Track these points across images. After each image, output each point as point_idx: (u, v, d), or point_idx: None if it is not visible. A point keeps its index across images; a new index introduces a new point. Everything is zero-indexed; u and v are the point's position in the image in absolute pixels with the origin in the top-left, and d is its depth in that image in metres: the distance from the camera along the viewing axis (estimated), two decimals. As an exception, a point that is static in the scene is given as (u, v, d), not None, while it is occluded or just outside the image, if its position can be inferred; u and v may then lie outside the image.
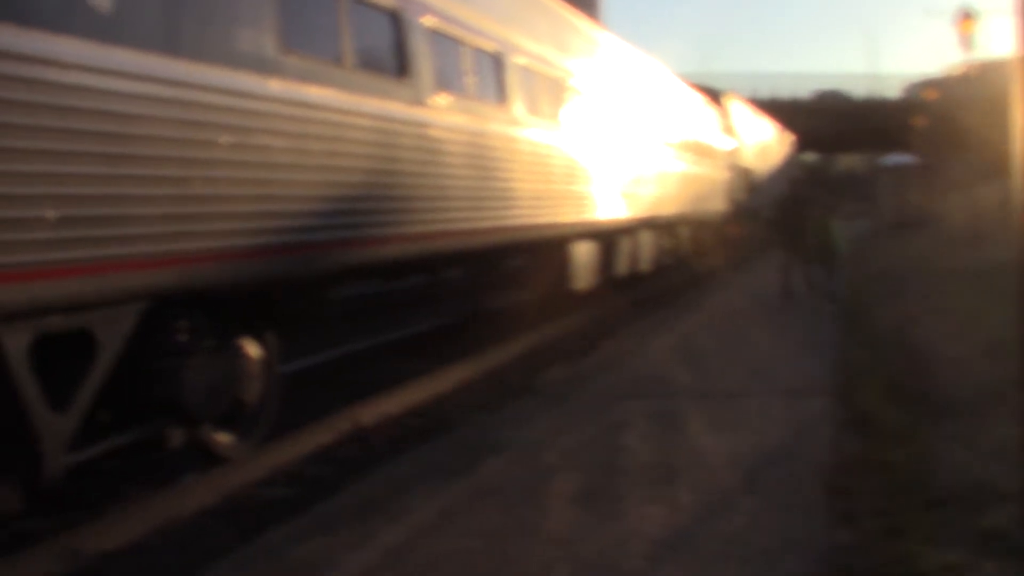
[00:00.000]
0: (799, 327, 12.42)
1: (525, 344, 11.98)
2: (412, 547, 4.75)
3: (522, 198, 10.40)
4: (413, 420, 8.39)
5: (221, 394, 6.12)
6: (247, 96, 5.83)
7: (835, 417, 7.20)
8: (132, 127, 4.96)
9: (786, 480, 5.59)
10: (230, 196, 5.66)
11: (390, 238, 7.57)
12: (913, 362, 9.35)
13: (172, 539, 5.51)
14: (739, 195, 26.77)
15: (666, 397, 8.16)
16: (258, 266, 5.96)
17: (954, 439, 6.30)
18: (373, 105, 7.30)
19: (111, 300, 4.96)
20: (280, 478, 6.69)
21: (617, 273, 15.07)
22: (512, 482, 5.82)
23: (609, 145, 13.81)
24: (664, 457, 6.21)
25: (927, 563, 4.15)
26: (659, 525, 4.93)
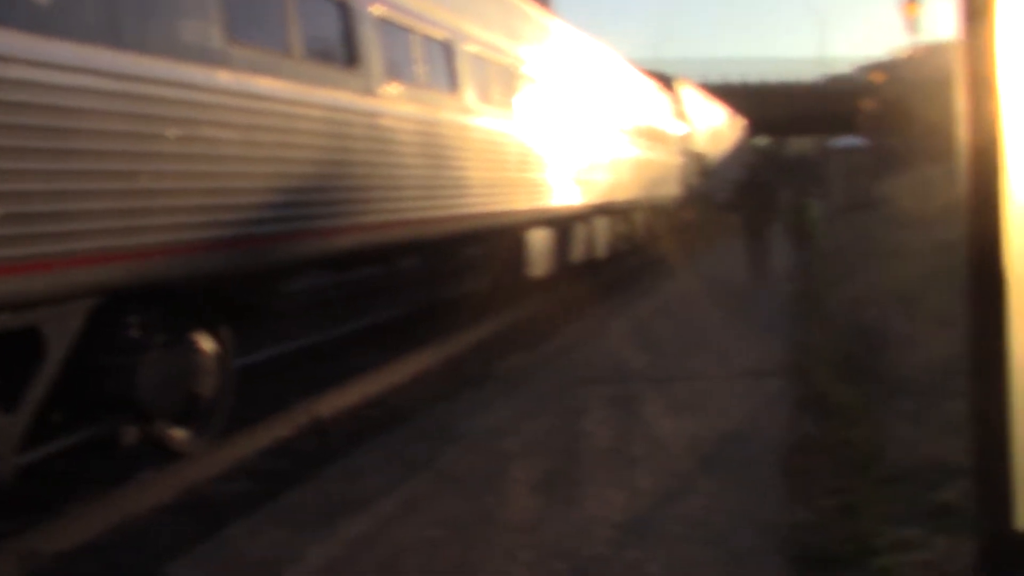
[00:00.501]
0: (754, 310, 12.55)
1: (482, 332, 11.97)
2: (374, 539, 4.73)
3: (476, 186, 10.38)
4: (371, 411, 8.36)
5: (175, 389, 6.05)
6: (193, 88, 5.75)
7: (791, 397, 7.29)
8: (75, 121, 4.87)
9: (744, 461, 5.66)
10: (179, 190, 5.58)
11: (343, 229, 7.52)
12: (867, 341, 9.48)
13: (131, 537, 5.45)
14: (692, 180, 26.96)
15: (624, 381, 8.21)
16: (209, 260, 5.90)
17: (907, 416, 6.40)
18: (323, 95, 7.24)
19: (59, 297, 4.88)
20: (238, 473, 6.63)
21: (573, 260, 15.12)
22: (472, 470, 5.82)
23: (562, 132, 13.83)
24: (623, 442, 6.25)
25: (881, 540, 4.22)
26: (620, 509, 4.96)
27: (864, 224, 23.25)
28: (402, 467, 5.91)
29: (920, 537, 4.22)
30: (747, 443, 6.04)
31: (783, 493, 5.03)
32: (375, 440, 6.80)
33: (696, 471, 5.54)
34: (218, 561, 4.60)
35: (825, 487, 5.13)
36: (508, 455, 6.11)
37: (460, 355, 10.77)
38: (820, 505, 4.83)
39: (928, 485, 4.89)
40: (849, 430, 6.25)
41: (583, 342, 10.52)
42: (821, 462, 5.64)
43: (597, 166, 15.80)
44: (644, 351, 9.55)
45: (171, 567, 4.57)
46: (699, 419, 6.74)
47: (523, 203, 11.94)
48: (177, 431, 6.38)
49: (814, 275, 15.84)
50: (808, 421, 6.63)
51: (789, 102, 52.80)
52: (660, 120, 23.06)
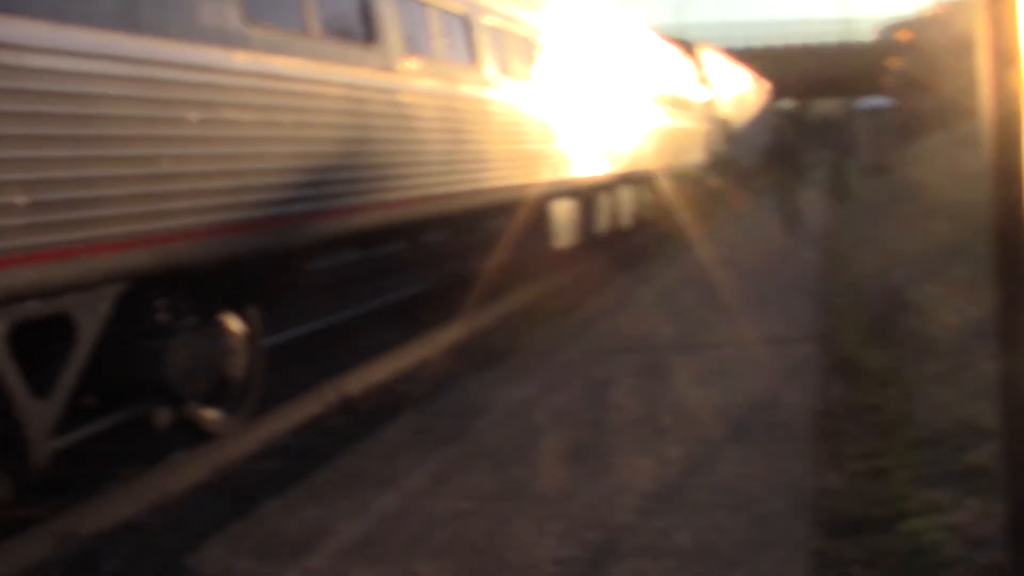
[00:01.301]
0: (781, 274, 12.47)
1: (508, 305, 11.99)
2: (405, 513, 4.77)
3: (498, 159, 10.35)
4: (400, 386, 8.41)
5: (205, 371, 6.11)
6: (213, 71, 5.76)
7: (820, 362, 7.26)
8: (96, 108, 4.90)
9: (773, 427, 5.65)
10: (201, 173, 5.61)
11: (366, 206, 7.54)
12: (896, 303, 9.41)
13: (166, 517, 5.53)
14: (717, 146, 26.74)
15: (651, 351, 8.20)
16: (234, 242, 5.93)
17: (937, 379, 6.36)
18: (342, 73, 7.23)
19: (87, 283, 4.93)
20: (271, 451, 6.71)
21: (598, 230, 15.07)
22: (502, 443, 5.85)
23: (584, 102, 13.75)
24: (651, 411, 6.25)
25: (912, 503, 4.21)
26: (649, 478, 4.97)
27: (892, 185, 23.01)
28: (432, 441, 5.95)
29: (951, 500, 4.21)
30: (776, 409, 6.02)
31: (812, 458, 5.02)
32: (404, 415, 6.85)
33: (724, 438, 5.53)
34: (252, 539, 4.66)
35: (854, 451, 5.12)
36: (536, 427, 6.14)
37: (487, 328, 10.80)
38: (849, 469, 4.82)
39: (959, 447, 4.87)
40: (879, 393, 6.23)
41: (609, 312, 10.51)
42: (850, 426, 5.62)
43: (620, 135, 15.71)
44: (671, 320, 9.53)
45: (206, 546, 4.63)
46: (727, 386, 6.72)
47: (546, 175, 11.90)
48: (209, 412, 6.45)
49: (844, 236, 15.76)
50: (838, 385, 6.61)
51: (813, 64, 52.16)
52: (683, 86, 22.86)
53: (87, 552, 5.03)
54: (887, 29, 52.24)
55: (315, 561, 4.27)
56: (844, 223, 17.87)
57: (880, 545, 3.89)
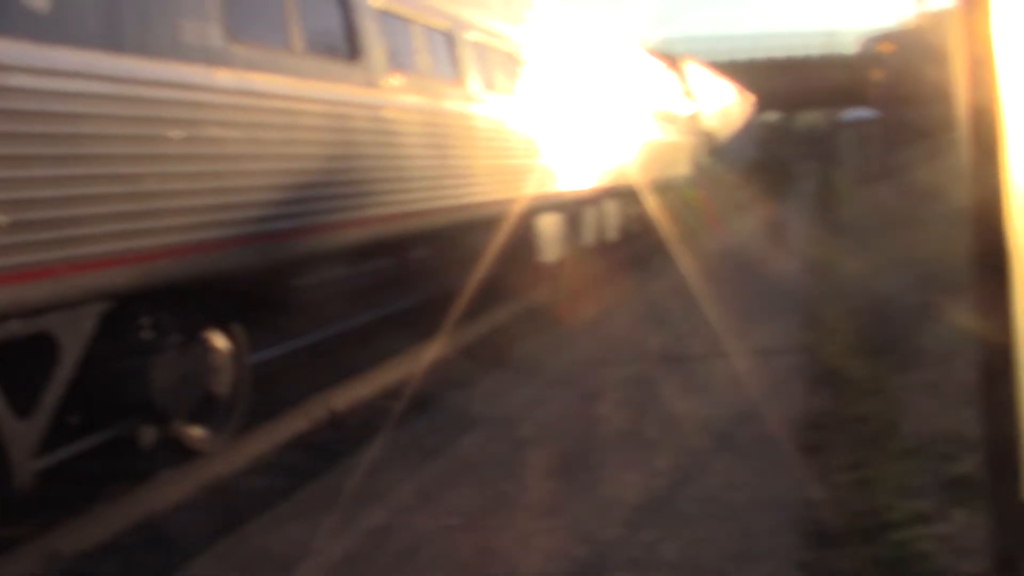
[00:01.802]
0: (768, 284, 12.50)
1: (495, 319, 11.99)
2: (392, 529, 4.76)
3: (483, 174, 10.36)
4: (387, 402, 8.38)
5: (190, 389, 6.09)
6: (196, 88, 5.76)
7: (807, 373, 7.28)
8: (78, 127, 4.89)
9: (759, 439, 5.65)
10: (184, 190, 5.60)
11: (351, 223, 7.53)
12: (881, 313, 9.45)
13: (151, 535, 5.50)
14: (702, 159, 26.82)
15: (638, 363, 8.21)
16: (219, 259, 5.92)
17: (922, 388, 6.39)
18: (326, 90, 7.24)
19: (70, 302, 4.91)
20: (257, 468, 6.68)
21: (584, 243, 15.09)
22: (489, 458, 5.84)
23: (569, 116, 13.79)
24: (638, 423, 6.26)
25: (898, 514, 4.22)
26: (636, 491, 4.97)
27: (877, 195, 23.13)
28: (419, 456, 5.93)
29: (936, 510, 4.22)
30: (762, 421, 6.03)
31: (798, 470, 5.02)
32: (392, 430, 6.83)
33: (711, 450, 5.54)
34: (238, 556, 4.64)
35: (840, 462, 5.13)
36: (524, 441, 6.13)
37: (474, 343, 10.79)
38: (835, 480, 4.83)
39: (944, 457, 4.89)
40: (864, 404, 6.24)
41: (596, 325, 10.52)
42: (836, 437, 5.64)
43: (605, 149, 15.75)
44: (657, 332, 9.54)
45: (192, 564, 4.60)
46: (714, 398, 6.73)
47: (531, 189, 11.92)
48: (195, 429, 6.42)
49: (829, 245, 15.84)
50: (823, 396, 6.62)
51: (797, 76, 52.44)
52: (668, 100, 22.95)
53: (72, 571, 5.00)
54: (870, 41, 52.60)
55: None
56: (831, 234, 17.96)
57: (866, 556, 3.90)
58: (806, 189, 24.43)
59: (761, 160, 17.05)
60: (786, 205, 19.58)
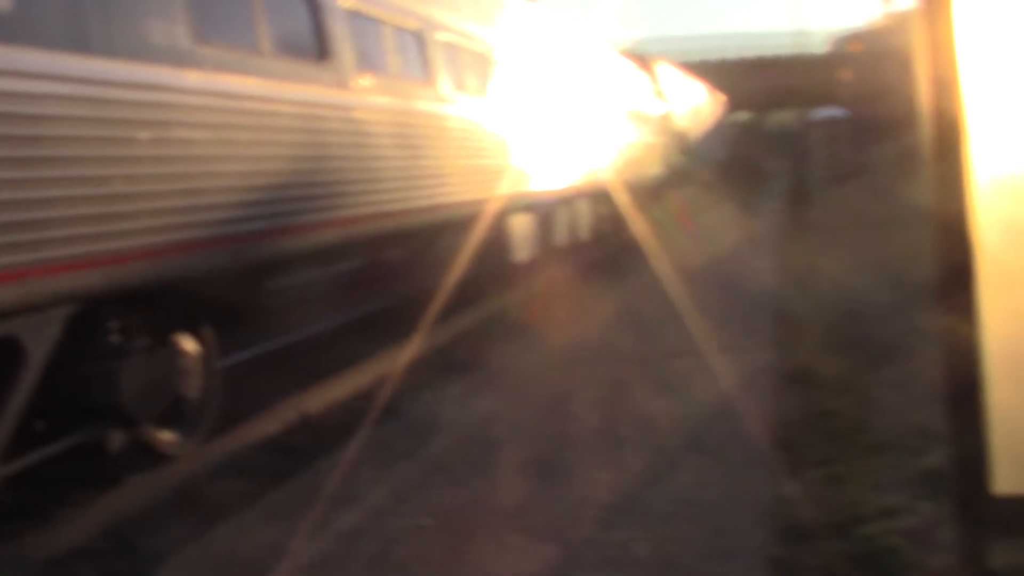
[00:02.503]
0: (740, 284, 12.56)
1: (468, 320, 11.97)
2: (365, 531, 4.75)
3: (455, 175, 10.36)
4: (360, 404, 8.34)
5: (159, 393, 6.05)
6: (163, 90, 5.71)
7: (778, 371, 7.33)
8: (44, 128, 4.84)
9: (731, 436, 5.68)
10: (153, 193, 5.55)
11: (322, 224, 7.50)
12: (852, 311, 9.52)
13: (120, 541, 5.44)
14: (674, 159, 26.93)
15: (611, 362, 8.23)
16: (188, 261, 5.88)
17: (892, 384, 6.44)
18: (295, 91, 7.20)
19: (35, 305, 4.86)
20: (229, 471, 6.62)
21: (556, 243, 15.11)
22: (462, 458, 5.84)
23: (541, 117, 13.80)
24: (610, 423, 6.27)
25: (867, 508, 4.26)
26: (608, 490, 4.99)
27: (846, 194, 23.33)
28: (392, 458, 5.92)
29: (905, 504, 4.26)
30: (734, 419, 6.06)
31: (769, 467, 5.05)
32: (364, 433, 6.80)
33: (683, 448, 5.57)
34: (209, 561, 4.61)
35: (811, 459, 5.17)
36: (496, 441, 6.13)
37: (448, 344, 10.77)
38: (806, 477, 4.86)
39: (913, 452, 4.94)
40: (835, 401, 6.29)
41: (568, 325, 10.53)
42: (807, 434, 5.68)
43: (577, 149, 15.79)
44: (630, 331, 9.58)
45: (162, 570, 4.57)
46: (686, 396, 6.76)
47: (503, 190, 11.92)
48: (164, 433, 6.37)
49: (800, 243, 15.96)
50: (794, 394, 6.67)
51: (768, 76, 52.76)
52: (639, 100, 23.03)
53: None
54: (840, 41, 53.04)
55: (273, 582, 4.23)
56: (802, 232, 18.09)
57: (836, 551, 3.93)
58: (777, 188, 24.59)
59: (732, 160, 17.20)
60: (757, 204, 19.83)
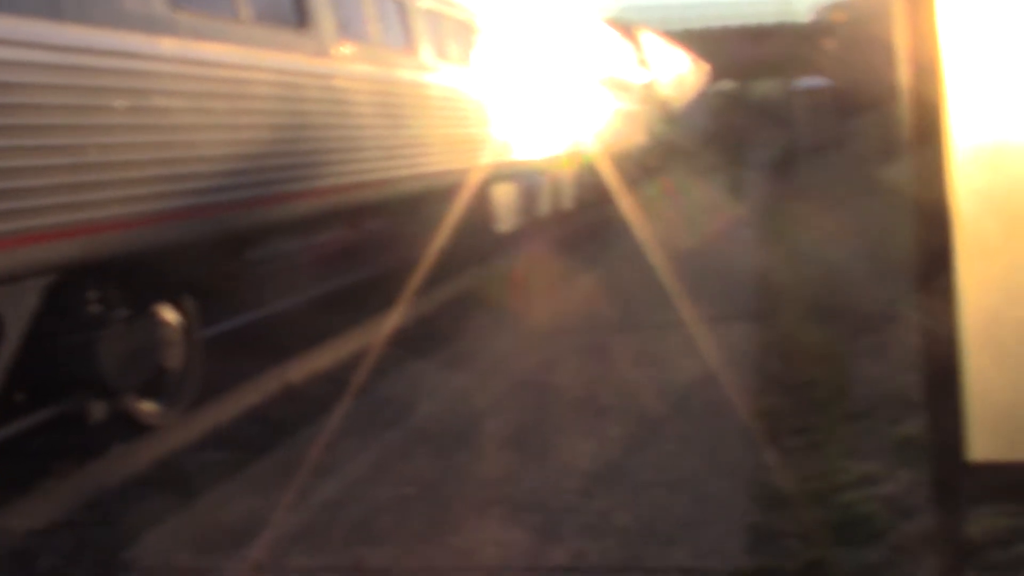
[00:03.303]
0: (723, 254, 12.59)
1: (452, 290, 11.97)
2: (348, 500, 4.76)
3: (437, 144, 10.31)
4: (342, 374, 8.33)
5: (140, 363, 6.02)
6: (138, 57, 5.65)
7: (759, 340, 7.35)
8: (16, 96, 4.78)
9: (712, 405, 5.71)
10: (130, 162, 5.51)
11: (302, 193, 7.47)
12: (832, 280, 9.55)
13: (102, 511, 5.44)
14: (657, 128, 26.90)
15: (593, 332, 8.25)
16: (165, 231, 5.84)
17: (871, 353, 6.48)
18: (275, 59, 7.14)
19: (12, 276, 4.82)
20: (210, 442, 6.62)
21: (540, 213, 15.09)
22: (444, 428, 5.85)
23: (524, 85, 13.74)
24: (592, 391, 6.29)
25: (846, 475, 4.29)
26: (590, 459, 5.01)
27: (829, 163, 23.36)
28: (374, 428, 5.93)
29: (883, 471, 4.29)
30: (715, 387, 6.08)
31: (749, 435, 5.08)
32: (346, 403, 6.80)
33: (664, 417, 5.59)
34: (191, 531, 4.61)
35: (790, 427, 5.20)
36: (479, 411, 6.14)
37: (429, 314, 10.76)
38: (785, 445, 4.89)
39: (891, 420, 4.97)
40: (815, 369, 6.32)
41: (551, 295, 10.54)
42: (787, 402, 5.71)
43: (561, 118, 15.73)
44: (612, 301, 9.59)
45: (143, 540, 4.57)
46: (667, 366, 6.78)
47: (486, 159, 11.88)
48: (146, 404, 6.35)
49: (783, 213, 16.00)
50: (774, 363, 6.70)
51: (752, 45, 52.62)
52: (622, 69, 22.94)
53: (22, 549, 4.93)
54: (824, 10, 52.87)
55: (256, 552, 4.24)
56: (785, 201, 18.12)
57: (814, 518, 3.96)
58: (760, 157, 24.61)
59: (716, 129, 17.26)
60: (740, 173, 19.89)
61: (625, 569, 3.74)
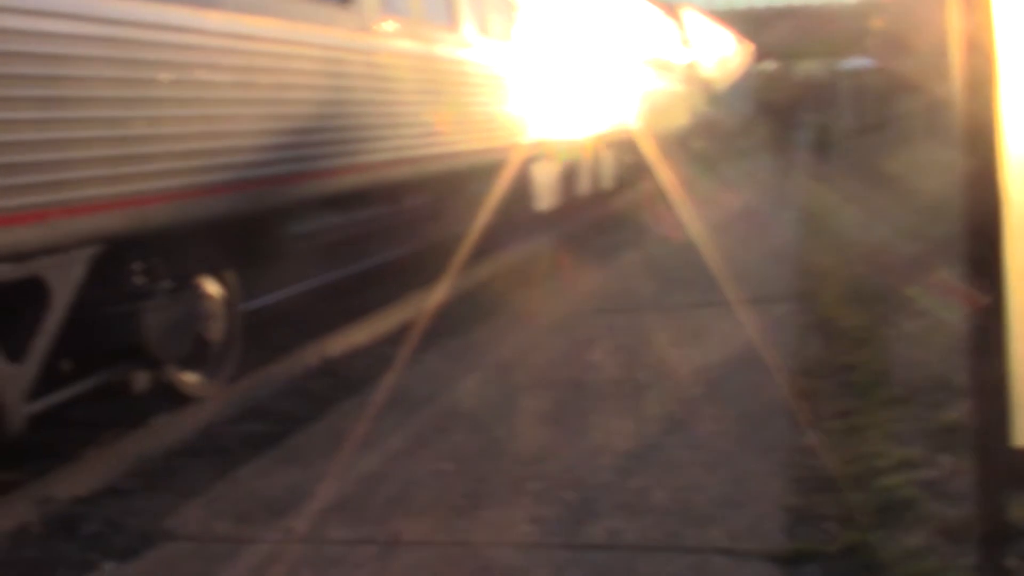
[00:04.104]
0: (763, 234, 12.48)
1: (491, 267, 11.98)
2: (386, 474, 4.79)
3: (478, 121, 10.29)
4: (382, 349, 8.39)
5: (182, 334, 6.09)
6: (185, 31, 5.68)
7: (799, 323, 7.29)
8: (64, 69, 4.83)
9: (751, 386, 5.67)
10: (175, 135, 5.55)
11: (343, 169, 7.49)
12: (875, 262, 9.45)
13: (145, 480, 5.51)
14: (699, 108, 26.65)
15: (633, 311, 8.23)
16: (209, 204, 5.89)
17: (913, 337, 6.40)
18: (317, 33, 7.15)
19: (60, 246, 4.89)
20: (251, 414, 6.68)
21: (579, 192, 15.03)
22: (483, 404, 5.87)
23: (566, 63, 13.66)
24: (631, 370, 6.28)
25: (886, 460, 4.25)
26: (627, 438, 5.00)
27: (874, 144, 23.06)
28: (413, 403, 5.96)
29: (924, 456, 4.25)
30: (754, 368, 6.04)
31: (789, 417, 5.05)
32: (385, 377, 6.84)
33: (703, 397, 5.56)
34: (231, 501, 4.67)
35: (831, 410, 5.16)
36: (517, 388, 6.15)
37: (470, 290, 10.78)
38: (825, 428, 4.85)
39: (933, 405, 4.92)
40: (856, 352, 6.26)
41: (591, 274, 10.52)
42: (827, 385, 5.66)
43: (602, 97, 15.63)
44: (652, 281, 9.56)
45: (185, 508, 4.64)
46: (706, 346, 6.75)
47: (527, 137, 11.84)
48: (188, 375, 6.43)
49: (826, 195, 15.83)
50: (815, 345, 6.64)
51: (796, 25, 51.93)
52: (665, 48, 22.73)
53: (67, 516, 5.02)
54: (871, -11, 51.97)
55: (294, 522, 4.29)
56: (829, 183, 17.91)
57: (854, 501, 3.93)
58: (804, 138, 24.33)
59: (759, 110, 17.13)
60: (783, 154, 19.71)
61: (662, 548, 3.74)
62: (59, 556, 4.58)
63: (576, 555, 3.74)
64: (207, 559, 4.05)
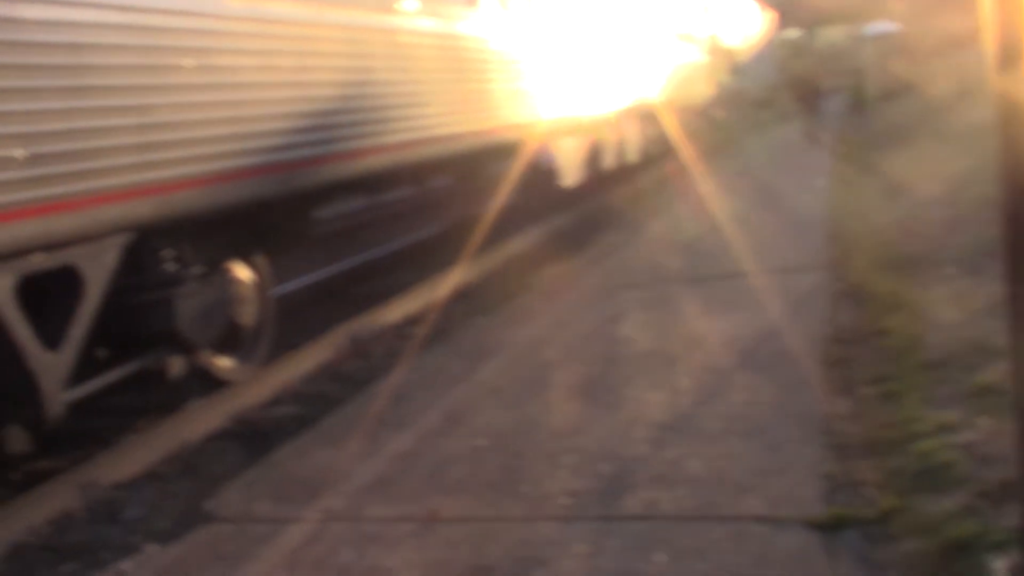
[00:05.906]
0: (787, 204, 12.37)
1: (517, 245, 11.96)
2: (420, 452, 4.82)
3: (501, 98, 10.25)
4: (412, 329, 8.41)
5: (215, 319, 6.13)
6: (208, 16, 5.70)
7: (831, 289, 7.23)
8: (90, 57, 4.86)
9: (783, 354, 5.64)
10: (201, 120, 5.57)
11: (368, 150, 7.49)
12: (906, 228, 9.35)
13: (183, 464, 5.59)
14: (723, 79, 26.40)
15: (661, 284, 8.19)
16: (237, 189, 5.91)
17: (947, 300, 6.34)
18: (340, 14, 7.14)
19: (92, 235, 4.93)
20: (284, 397, 6.74)
21: (604, 167, 14.96)
22: (514, 381, 5.88)
23: (588, 38, 13.56)
24: (661, 343, 6.26)
25: (923, 424, 4.22)
26: (660, 410, 5.00)
27: (900, 110, 22.79)
28: (445, 382, 5.98)
29: (961, 420, 4.21)
30: (786, 337, 6.01)
31: (822, 384, 5.02)
32: (417, 357, 6.87)
33: (735, 367, 5.54)
34: (269, 483, 4.72)
35: (865, 376, 5.12)
36: (547, 364, 6.16)
37: (498, 269, 10.78)
38: (860, 394, 4.82)
39: (969, 368, 4.86)
40: (889, 318, 6.21)
41: (618, 248, 10.48)
42: (861, 351, 5.62)
43: (625, 70, 15.52)
44: (679, 254, 9.50)
45: (224, 491, 4.69)
46: (737, 316, 6.71)
47: (550, 113, 11.79)
48: (222, 360, 6.48)
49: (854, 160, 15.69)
50: (848, 311, 6.59)
51: (819, -9, 51.26)
52: (688, 19, 22.53)
53: (109, 500, 5.10)
54: (894, -48, 51.19)
55: (332, 502, 4.33)
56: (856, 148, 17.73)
57: (891, 466, 3.91)
58: (830, 106, 24.10)
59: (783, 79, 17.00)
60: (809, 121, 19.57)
61: (699, 518, 3.73)
62: (102, 540, 4.66)
63: (614, 526, 3.75)
64: (248, 539, 4.09)
